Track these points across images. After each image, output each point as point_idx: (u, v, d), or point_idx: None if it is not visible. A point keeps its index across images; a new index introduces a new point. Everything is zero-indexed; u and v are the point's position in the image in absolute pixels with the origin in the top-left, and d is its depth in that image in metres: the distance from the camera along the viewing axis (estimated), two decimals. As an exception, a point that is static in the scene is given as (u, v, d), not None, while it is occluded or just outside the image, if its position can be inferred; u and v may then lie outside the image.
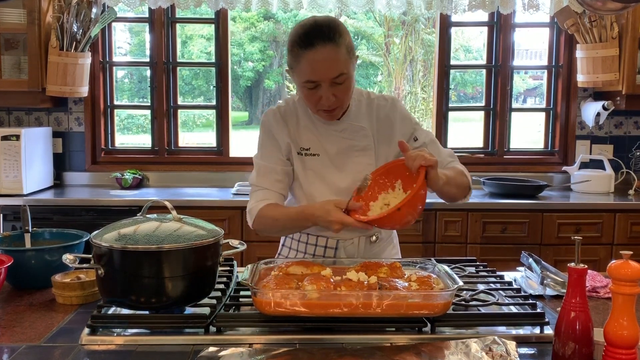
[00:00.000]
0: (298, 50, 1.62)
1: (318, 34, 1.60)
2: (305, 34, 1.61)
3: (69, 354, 1.25)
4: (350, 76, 1.65)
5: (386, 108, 1.81)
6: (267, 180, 1.78)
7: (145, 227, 1.39)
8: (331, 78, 1.61)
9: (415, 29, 8.61)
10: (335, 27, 1.62)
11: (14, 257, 1.58)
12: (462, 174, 1.77)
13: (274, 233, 1.86)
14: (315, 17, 1.66)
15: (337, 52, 1.60)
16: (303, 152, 1.79)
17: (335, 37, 1.60)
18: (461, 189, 1.75)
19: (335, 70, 1.60)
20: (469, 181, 1.78)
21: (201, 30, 8.62)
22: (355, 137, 1.77)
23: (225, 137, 3.85)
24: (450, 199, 1.76)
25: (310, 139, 1.79)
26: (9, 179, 3.25)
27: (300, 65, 1.62)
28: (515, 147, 3.93)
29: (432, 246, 3.25)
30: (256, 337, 1.31)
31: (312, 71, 1.61)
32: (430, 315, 1.33)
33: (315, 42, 1.59)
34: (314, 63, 1.60)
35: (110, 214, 3.15)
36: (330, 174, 1.78)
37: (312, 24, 1.63)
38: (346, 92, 1.66)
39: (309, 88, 1.64)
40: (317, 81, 1.62)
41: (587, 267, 1.19)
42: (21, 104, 3.54)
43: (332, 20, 1.66)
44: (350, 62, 1.64)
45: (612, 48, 3.39)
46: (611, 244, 3.24)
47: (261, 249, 3.04)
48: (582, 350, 1.16)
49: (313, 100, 1.66)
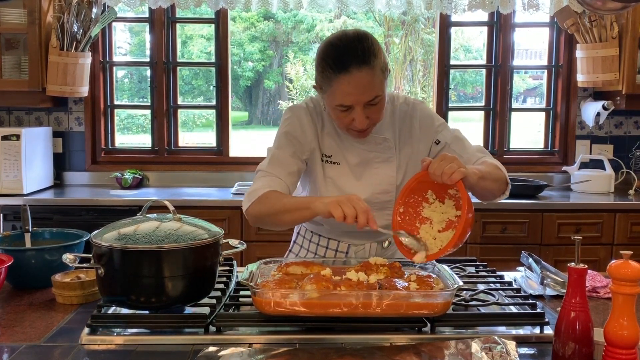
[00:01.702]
0: (330, 74, 1.53)
1: (353, 57, 1.51)
2: (338, 56, 1.53)
3: (68, 354, 1.25)
4: (384, 96, 1.59)
5: (407, 114, 1.74)
6: (280, 170, 1.67)
7: (145, 227, 1.39)
8: (366, 102, 1.55)
9: (415, 28, 8.62)
10: (370, 48, 1.53)
11: (14, 257, 1.58)
12: (497, 168, 1.65)
13: (267, 223, 1.67)
14: (346, 33, 1.57)
15: (372, 75, 1.53)
16: (325, 159, 1.73)
17: (370, 59, 1.52)
18: (498, 183, 1.63)
19: (370, 94, 1.54)
20: (505, 175, 1.66)
21: (201, 30, 8.63)
22: (377, 149, 1.71)
23: (225, 137, 3.86)
24: (489, 196, 1.65)
25: (332, 147, 1.73)
26: (9, 178, 3.25)
27: (332, 88, 1.55)
28: (515, 147, 3.93)
29: (432, 246, 3.24)
30: (256, 337, 1.31)
31: (346, 96, 1.54)
32: (430, 315, 1.32)
33: (350, 67, 1.51)
34: (348, 88, 1.52)
35: (110, 214, 3.15)
36: (348, 184, 1.71)
37: (345, 44, 1.54)
38: (379, 112, 1.60)
39: (341, 110, 1.58)
40: (350, 105, 1.55)
41: (587, 267, 1.19)
42: (21, 103, 3.55)
43: (365, 38, 1.55)
44: (384, 82, 1.57)
45: (612, 48, 3.39)
46: (611, 244, 3.24)
47: (261, 249, 3.04)
48: (582, 350, 1.15)
49: (345, 122, 1.60)
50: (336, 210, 1.42)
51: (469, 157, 1.68)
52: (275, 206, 1.59)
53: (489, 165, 1.63)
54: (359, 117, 1.56)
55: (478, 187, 1.52)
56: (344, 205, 1.42)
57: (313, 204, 1.50)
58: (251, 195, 1.64)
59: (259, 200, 1.61)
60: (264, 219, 1.64)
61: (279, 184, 1.65)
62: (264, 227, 1.74)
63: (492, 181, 1.59)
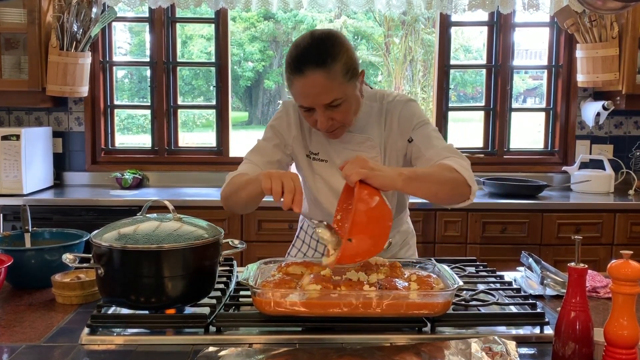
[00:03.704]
0: (289, 75, 1.54)
1: (309, 59, 1.49)
2: (296, 57, 1.52)
3: (68, 354, 1.25)
4: (349, 98, 1.55)
5: (391, 111, 1.71)
6: (260, 159, 1.71)
7: (145, 227, 1.39)
8: (324, 104, 1.52)
9: (415, 28, 8.62)
10: (329, 49, 1.50)
11: (14, 257, 1.58)
12: (449, 169, 1.51)
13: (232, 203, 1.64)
14: (312, 34, 1.54)
15: (328, 78, 1.49)
16: (312, 156, 1.74)
17: (327, 61, 1.48)
18: (445, 186, 1.48)
19: (327, 97, 1.51)
20: (464, 177, 1.51)
21: (201, 30, 8.62)
22: (360, 148, 1.69)
23: (225, 137, 3.86)
24: (437, 199, 1.51)
25: (319, 144, 1.73)
26: (9, 178, 3.25)
27: (292, 89, 1.55)
28: (515, 147, 3.93)
29: (432, 246, 3.25)
30: (256, 337, 1.31)
31: (304, 97, 1.53)
32: (430, 315, 1.32)
33: (305, 69, 1.49)
34: (304, 89, 1.52)
35: (110, 214, 3.15)
36: (336, 181, 1.71)
37: (305, 45, 1.52)
38: (345, 114, 1.57)
39: (304, 111, 1.59)
40: (309, 107, 1.55)
41: (587, 267, 1.19)
42: (21, 103, 3.54)
43: (329, 38, 1.52)
44: (347, 85, 1.53)
45: (612, 48, 3.39)
46: (611, 244, 3.24)
47: (261, 249, 3.04)
48: (582, 350, 1.15)
49: (310, 122, 1.61)
50: (265, 182, 1.37)
51: (430, 156, 1.60)
52: (236, 184, 1.59)
53: (440, 167, 1.52)
54: (320, 118, 1.55)
55: (409, 189, 1.43)
56: (274, 179, 1.36)
57: (259, 176, 1.43)
58: (226, 179, 1.67)
59: (228, 182, 1.65)
60: (230, 199, 1.62)
61: (254, 169, 1.66)
62: (234, 210, 1.71)
63: (434, 184, 1.46)
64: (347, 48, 1.53)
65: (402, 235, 1.90)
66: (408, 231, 1.95)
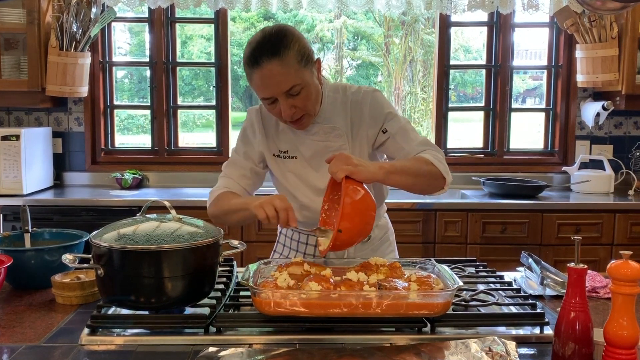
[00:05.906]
0: (248, 70, 1.60)
1: (263, 51, 1.56)
2: (251, 51, 1.59)
3: (68, 354, 1.25)
4: (308, 84, 1.61)
5: (358, 102, 1.76)
6: (234, 172, 1.80)
7: (144, 227, 1.39)
8: (283, 92, 1.58)
9: (415, 29, 8.61)
10: (281, 39, 1.58)
11: (14, 257, 1.58)
12: (426, 162, 1.62)
13: (223, 221, 1.77)
14: (264, 30, 1.62)
15: (283, 66, 1.56)
16: (282, 155, 1.79)
17: (280, 50, 1.56)
18: (423, 178, 1.61)
19: (285, 84, 1.57)
20: (438, 170, 1.62)
21: (201, 30, 8.61)
22: (328, 138, 1.74)
23: (225, 138, 3.86)
24: (415, 190, 1.65)
25: (287, 142, 1.78)
26: (9, 179, 3.25)
27: (252, 83, 1.62)
28: (515, 148, 3.93)
29: (432, 246, 3.25)
30: (256, 337, 1.31)
31: (264, 88, 1.59)
32: (430, 316, 1.32)
33: (260, 60, 1.56)
34: (262, 80, 1.58)
35: (110, 214, 3.15)
36: (309, 176, 1.77)
37: (258, 40, 1.60)
38: (306, 100, 1.63)
39: (268, 104, 1.64)
40: (270, 97, 1.60)
41: (587, 267, 1.19)
42: (21, 104, 3.55)
43: (279, 31, 1.60)
44: (304, 71, 1.60)
45: (611, 48, 3.39)
46: (611, 244, 3.24)
47: (261, 249, 3.04)
48: (582, 350, 1.16)
49: (275, 113, 1.66)
50: (260, 212, 1.50)
51: (409, 149, 1.70)
52: (224, 207, 1.72)
53: (418, 160, 1.63)
54: (282, 107, 1.61)
55: (390, 181, 1.56)
56: (265, 206, 1.50)
57: (249, 205, 1.56)
58: (210, 196, 1.79)
59: (214, 201, 1.76)
60: (220, 218, 1.76)
61: (233, 185, 1.78)
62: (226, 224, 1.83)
63: (412, 176, 1.58)
64: (298, 37, 1.62)
65: (382, 230, 1.93)
66: (387, 226, 1.98)
